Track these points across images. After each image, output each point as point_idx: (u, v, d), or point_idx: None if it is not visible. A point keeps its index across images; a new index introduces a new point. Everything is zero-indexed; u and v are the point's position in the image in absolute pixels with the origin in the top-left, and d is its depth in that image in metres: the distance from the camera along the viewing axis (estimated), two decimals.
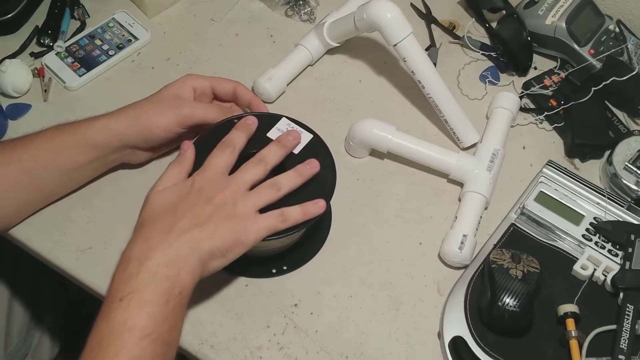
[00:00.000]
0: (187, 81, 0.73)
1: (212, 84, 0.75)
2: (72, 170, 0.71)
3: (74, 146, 0.69)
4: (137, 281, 0.56)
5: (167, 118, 0.70)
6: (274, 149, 0.67)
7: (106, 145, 0.70)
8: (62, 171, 0.70)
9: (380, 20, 0.77)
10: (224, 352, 0.67)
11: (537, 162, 0.82)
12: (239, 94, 0.76)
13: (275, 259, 0.73)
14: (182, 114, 0.70)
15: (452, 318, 0.68)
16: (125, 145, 0.71)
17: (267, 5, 0.95)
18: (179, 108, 0.70)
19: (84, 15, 0.91)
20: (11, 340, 0.94)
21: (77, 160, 0.70)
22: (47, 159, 0.69)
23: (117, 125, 0.69)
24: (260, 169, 0.65)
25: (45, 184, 0.71)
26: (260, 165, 0.65)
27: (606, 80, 0.82)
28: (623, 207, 0.77)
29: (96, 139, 0.69)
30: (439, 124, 0.84)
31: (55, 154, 0.69)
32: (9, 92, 0.82)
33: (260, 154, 0.66)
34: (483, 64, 0.91)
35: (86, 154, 0.70)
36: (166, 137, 0.71)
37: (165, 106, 0.70)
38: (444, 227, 0.76)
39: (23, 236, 0.72)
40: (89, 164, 0.71)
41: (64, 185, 0.73)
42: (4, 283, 0.93)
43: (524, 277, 0.66)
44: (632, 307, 0.67)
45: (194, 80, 0.73)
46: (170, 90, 0.72)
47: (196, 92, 0.73)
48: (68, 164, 0.70)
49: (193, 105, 0.71)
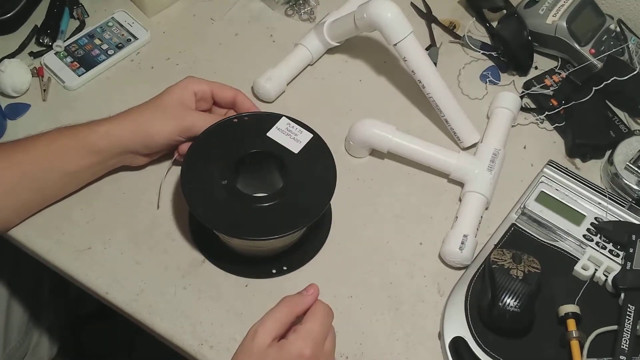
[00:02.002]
0: (189, 85, 0.73)
1: (212, 90, 0.75)
2: (72, 174, 0.71)
3: (75, 151, 0.70)
4: None
5: (169, 128, 0.70)
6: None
7: (107, 150, 0.71)
8: (62, 174, 0.71)
9: (381, 19, 0.76)
10: (224, 352, 0.67)
11: (538, 162, 0.82)
12: (238, 102, 0.76)
13: (275, 259, 0.72)
14: (184, 125, 0.71)
15: (452, 318, 0.68)
16: (126, 150, 0.72)
17: (267, 5, 0.95)
18: (182, 120, 0.71)
19: (83, 14, 0.91)
20: (10, 340, 0.94)
21: (77, 164, 0.70)
22: (47, 162, 0.69)
23: (119, 132, 0.70)
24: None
25: (45, 187, 0.71)
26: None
27: (607, 80, 0.82)
28: (624, 207, 0.77)
29: (97, 144, 0.70)
30: (439, 124, 0.84)
31: (56, 157, 0.69)
32: (8, 92, 0.82)
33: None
34: (483, 63, 0.91)
35: (87, 159, 0.70)
36: (167, 144, 0.72)
37: (169, 116, 0.71)
38: (445, 227, 0.75)
39: (22, 236, 0.72)
40: (89, 168, 0.72)
41: (63, 188, 0.73)
42: (3, 283, 0.93)
43: (524, 278, 0.66)
44: (633, 307, 0.67)
45: (195, 84, 0.73)
46: (173, 96, 0.72)
47: (197, 96, 0.74)
48: (68, 168, 0.70)
49: (195, 117, 0.72)
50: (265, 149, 0.70)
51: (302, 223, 0.66)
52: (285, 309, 0.60)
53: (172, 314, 0.69)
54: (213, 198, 0.66)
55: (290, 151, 0.70)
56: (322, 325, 0.60)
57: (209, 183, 0.67)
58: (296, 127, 0.72)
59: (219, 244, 0.72)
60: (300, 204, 0.67)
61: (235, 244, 0.70)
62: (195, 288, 0.70)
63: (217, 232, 0.68)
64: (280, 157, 0.70)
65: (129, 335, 1.18)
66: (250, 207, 0.66)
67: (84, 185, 0.75)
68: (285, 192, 0.67)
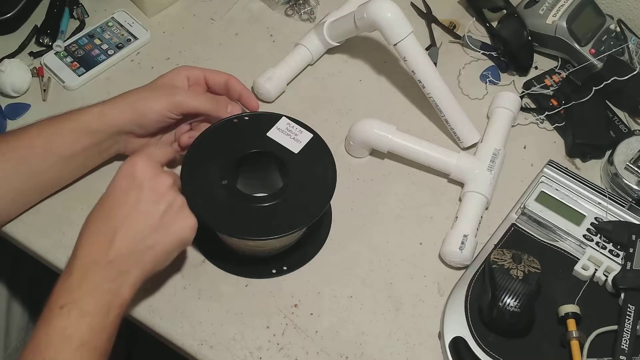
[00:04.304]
0: (182, 71, 0.75)
1: (205, 75, 0.76)
2: (67, 158, 0.71)
3: (69, 133, 0.70)
4: (81, 290, 0.58)
5: (161, 103, 0.71)
6: None
7: (101, 131, 0.71)
8: (57, 159, 0.71)
9: (381, 19, 0.76)
10: (224, 352, 0.67)
11: (538, 162, 0.82)
12: (230, 86, 0.77)
13: (275, 259, 0.72)
14: (175, 100, 0.71)
15: (452, 318, 0.68)
16: (121, 131, 0.72)
17: (266, 5, 0.95)
18: (173, 95, 0.72)
19: (83, 14, 0.91)
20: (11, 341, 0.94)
21: (71, 147, 0.70)
22: (41, 146, 0.69)
23: (112, 111, 0.71)
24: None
25: (40, 172, 0.71)
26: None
27: (607, 80, 0.82)
28: (624, 207, 0.77)
29: (91, 124, 0.70)
30: (439, 124, 0.84)
31: (49, 141, 0.70)
32: (7, 92, 0.82)
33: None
34: (484, 63, 0.91)
35: (81, 141, 0.71)
36: (160, 121, 0.72)
37: (160, 92, 0.72)
38: (445, 227, 0.75)
39: (22, 236, 0.72)
40: (84, 151, 0.72)
41: (59, 174, 0.73)
42: (3, 283, 0.92)
43: (524, 278, 0.66)
44: (633, 307, 0.67)
45: (187, 70, 0.75)
46: (165, 79, 0.74)
47: (190, 81, 0.75)
48: (63, 151, 0.70)
49: (186, 94, 0.73)
50: (265, 149, 0.70)
51: (302, 223, 0.66)
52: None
53: (172, 314, 0.69)
54: (213, 198, 0.66)
55: (290, 151, 0.70)
56: (159, 150, 0.67)
57: (209, 183, 0.67)
58: (296, 127, 0.72)
59: (219, 244, 0.72)
60: (300, 204, 0.67)
61: (235, 243, 0.70)
62: (195, 288, 0.70)
63: (217, 232, 0.68)
64: (280, 157, 0.70)
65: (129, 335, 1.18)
66: (250, 207, 0.66)
67: (83, 184, 0.75)
68: (285, 192, 0.67)
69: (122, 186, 0.62)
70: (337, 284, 0.72)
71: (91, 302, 0.58)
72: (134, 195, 0.61)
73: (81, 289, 0.58)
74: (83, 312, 0.57)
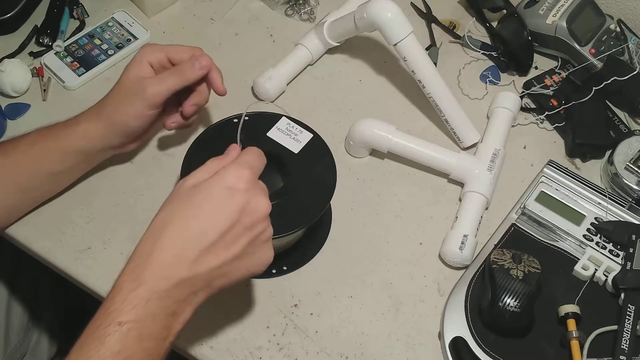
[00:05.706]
0: (143, 58, 0.71)
1: (167, 55, 0.72)
2: (58, 174, 0.71)
3: (58, 152, 0.69)
4: (145, 310, 0.51)
5: (136, 107, 0.69)
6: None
7: (89, 149, 0.71)
8: (47, 175, 0.70)
9: (381, 19, 0.76)
10: (224, 352, 0.67)
11: (538, 162, 0.82)
12: (196, 59, 0.72)
13: (275, 259, 0.72)
14: (147, 97, 0.69)
15: (452, 318, 0.68)
16: (108, 146, 0.72)
17: (266, 5, 0.95)
18: (144, 92, 0.69)
19: (83, 14, 0.91)
20: (10, 341, 0.94)
21: (62, 165, 0.70)
22: (31, 166, 0.69)
23: (96, 130, 0.69)
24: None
25: (32, 188, 0.71)
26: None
27: (607, 80, 0.82)
28: (624, 207, 0.77)
29: (79, 144, 0.69)
30: (439, 124, 0.84)
31: (39, 159, 0.69)
32: (8, 92, 0.82)
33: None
34: (483, 63, 0.91)
35: (71, 160, 0.70)
36: (144, 121, 0.71)
37: (131, 96, 0.69)
38: (445, 227, 0.75)
39: (22, 236, 0.72)
40: (74, 166, 0.72)
41: (51, 187, 0.73)
42: (3, 283, 0.92)
43: (524, 278, 0.66)
44: (633, 307, 0.67)
45: (149, 54, 0.71)
46: (130, 75, 0.70)
47: (154, 67, 0.72)
48: (53, 169, 0.70)
49: (154, 83, 0.69)
50: (265, 149, 0.70)
51: (302, 223, 0.66)
52: (212, 163, 0.58)
53: None
54: None
55: (290, 151, 0.70)
56: (259, 158, 0.58)
57: None
58: (296, 127, 0.72)
59: None
60: (300, 204, 0.67)
61: None
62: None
63: None
64: (280, 157, 0.70)
65: None
66: None
67: (80, 183, 0.75)
68: (285, 192, 0.67)
69: (222, 200, 0.54)
70: (337, 284, 0.72)
71: (155, 325, 0.52)
72: (234, 216, 0.54)
73: (146, 308, 0.51)
74: (142, 336, 0.51)
